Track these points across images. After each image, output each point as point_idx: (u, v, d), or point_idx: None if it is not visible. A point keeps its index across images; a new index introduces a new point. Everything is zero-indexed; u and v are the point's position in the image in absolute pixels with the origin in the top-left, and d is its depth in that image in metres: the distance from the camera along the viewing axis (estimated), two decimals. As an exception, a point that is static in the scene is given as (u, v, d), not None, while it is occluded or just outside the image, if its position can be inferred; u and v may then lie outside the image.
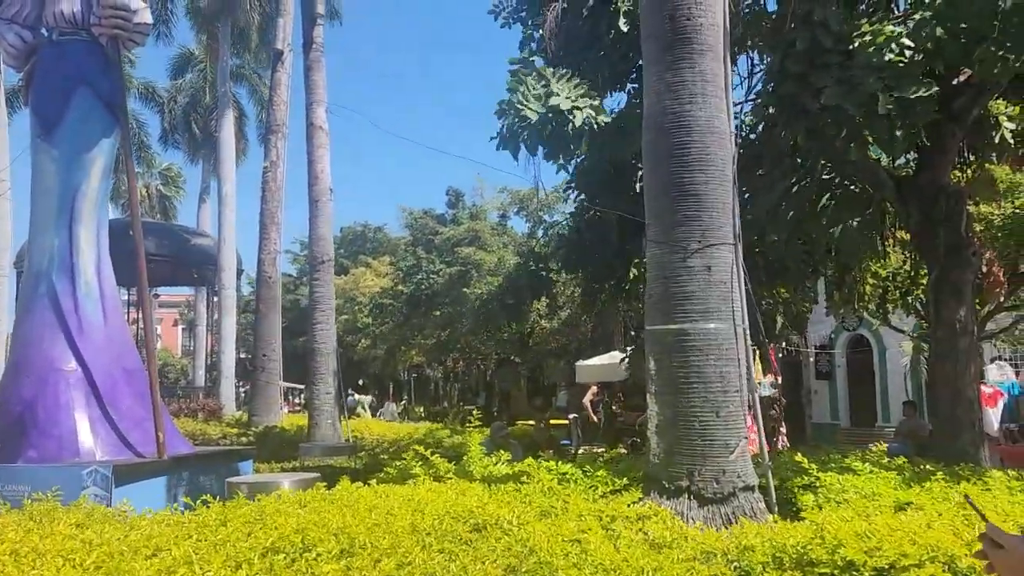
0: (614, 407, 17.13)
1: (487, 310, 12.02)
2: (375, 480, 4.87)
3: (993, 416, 11.27)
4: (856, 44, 5.70)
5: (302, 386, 26.96)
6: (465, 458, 5.42)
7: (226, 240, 23.25)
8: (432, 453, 5.44)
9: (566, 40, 6.95)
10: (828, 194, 7.16)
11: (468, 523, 3.35)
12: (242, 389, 43.51)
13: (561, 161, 8.65)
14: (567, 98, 6.29)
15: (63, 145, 8.02)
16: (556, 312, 27.27)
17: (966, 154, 8.66)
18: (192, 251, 21.29)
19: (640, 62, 7.72)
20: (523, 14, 8.86)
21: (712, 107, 4.23)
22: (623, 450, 12.89)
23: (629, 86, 8.41)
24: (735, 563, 2.98)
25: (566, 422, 16.69)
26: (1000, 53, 5.44)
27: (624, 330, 26.31)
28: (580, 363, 20.04)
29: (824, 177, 7.00)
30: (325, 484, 4.57)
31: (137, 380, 8.83)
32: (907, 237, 9.46)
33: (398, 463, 5.57)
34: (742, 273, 4.24)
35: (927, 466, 4.99)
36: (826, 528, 3.07)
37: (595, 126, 6.68)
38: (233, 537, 2.98)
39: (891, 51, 5.52)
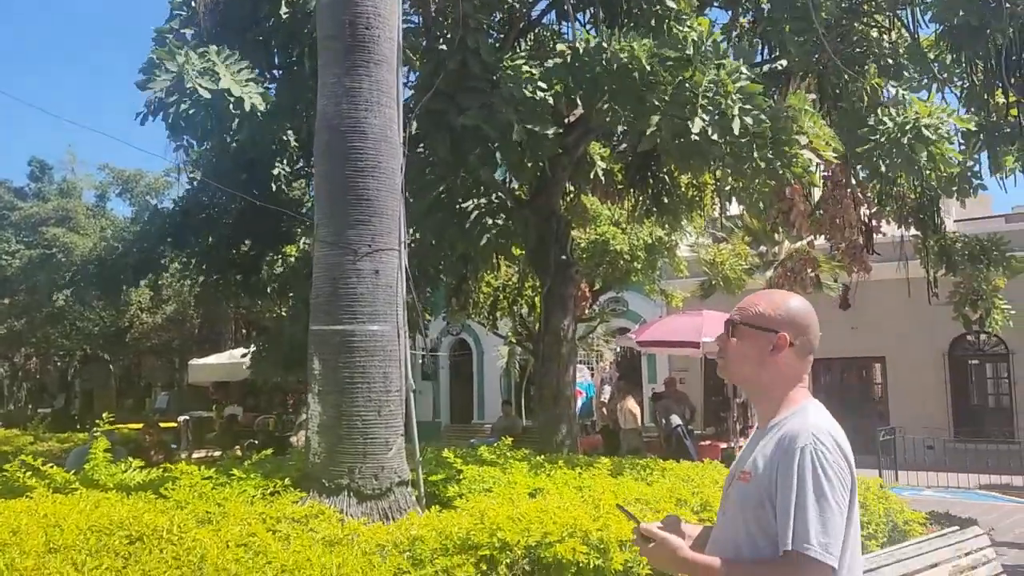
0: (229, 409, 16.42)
1: (70, 281, 10.67)
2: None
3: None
4: (499, 75, 6.34)
5: None
6: (88, 466, 4.84)
7: None
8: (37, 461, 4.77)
9: (223, 18, 6.60)
10: (471, 203, 7.81)
11: (120, 535, 3.05)
12: None
13: (207, 144, 8.18)
14: (236, 82, 5.98)
15: None
16: (160, 306, 25.22)
17: (568, 184, 10.05)
18: None
19: (293, 52, 7.68)
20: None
21: (386, 116, 4.40)
22: (239, 453, 12.45)
23: (278, 73, 8.22)
24: (407, 552, 3.17)
25: (175, 425, 15.57)
26: (609, 105, 6.46)
27: (236, 328, 25.29)
28: (194, 362, 18.82)
29: (466, 186, 7.62)
30: None
31: None
32: (517, 252, 10.69)
33: (-2, 476, 4.77)
34: (406, 277, 4.47)
35: (541, 457, 5.72)
36: (486, 514, 3.42)
37: (257, 113, 6.44)
38: None
39: (527, 88, 6.24)
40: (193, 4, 6.90)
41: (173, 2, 7.39)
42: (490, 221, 7.73)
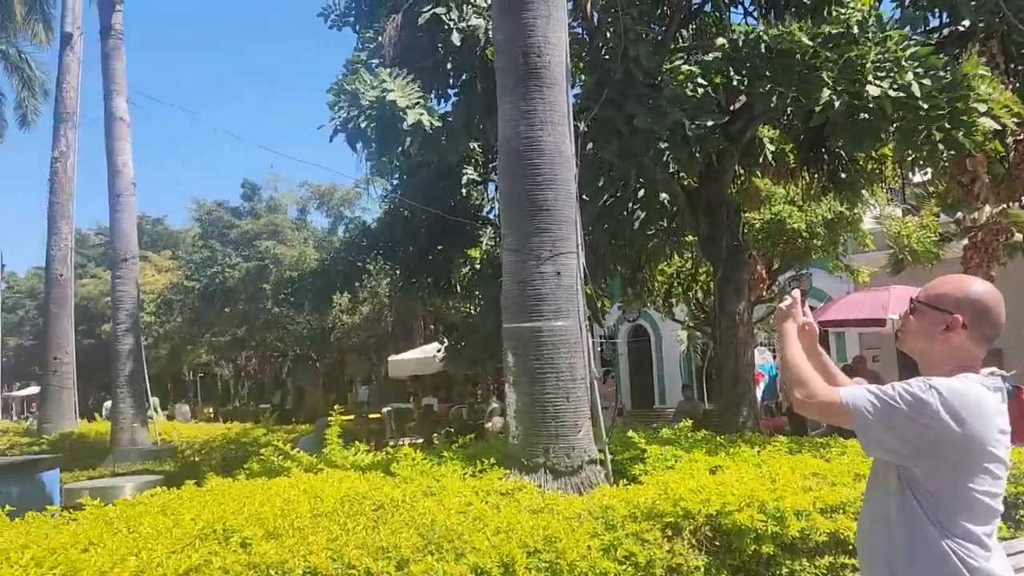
0: (428, 399, 17.69)
1: (291, 291, 12.08)
2: (243, 476, 5.05)
3: (757, 394, 13.11)
4: (661, 78, 6.66)
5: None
6: (326, 450, 5.72)
7: (-13, 232, 21.03)
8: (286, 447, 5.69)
9: (403, 49, 7.39)
10: (639, 204, 8.18)
11: (367, 504, 3.74)
12: (16, 394, 39.17)
13: (386, 158, 9.07)
14: (402, 96, 6.76)
15: None
16: (357, 307, 27.35)
17: (737, 169, 10.11)
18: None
19: (466, 75, 8.36)
20: (351, 19, 9.17)
21: (559, 133, 4.89)
22: (436, 440, 13.49)
23: (453, 95, 8.98)
24: (600, 519, 3.64)
25: (378, 416, 17.04)
26: (771, 88, 6.59)
27: (425, 325, 26.97)
28: (392, 357, 20.40)
29: (635, 189, 8.00)
30: (166, 486, 4.62)
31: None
32: (690, 240, 10.87)
33: (257, 460, 5.74)
34: (584, 277, 4.94)
35: (721, 437, 6.00)
36: (669, 487, 3.82)
37: (427, 128, 7.19)
38: (162, 527, 3.18)
39: (689, 87, 6.52)
40: (379, 38, 7.73)
41: (363, 36, 8.30)
42: (663, 222, 8.03)
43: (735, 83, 6.76)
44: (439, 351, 13.86)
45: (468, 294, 12.81)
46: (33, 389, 36.25)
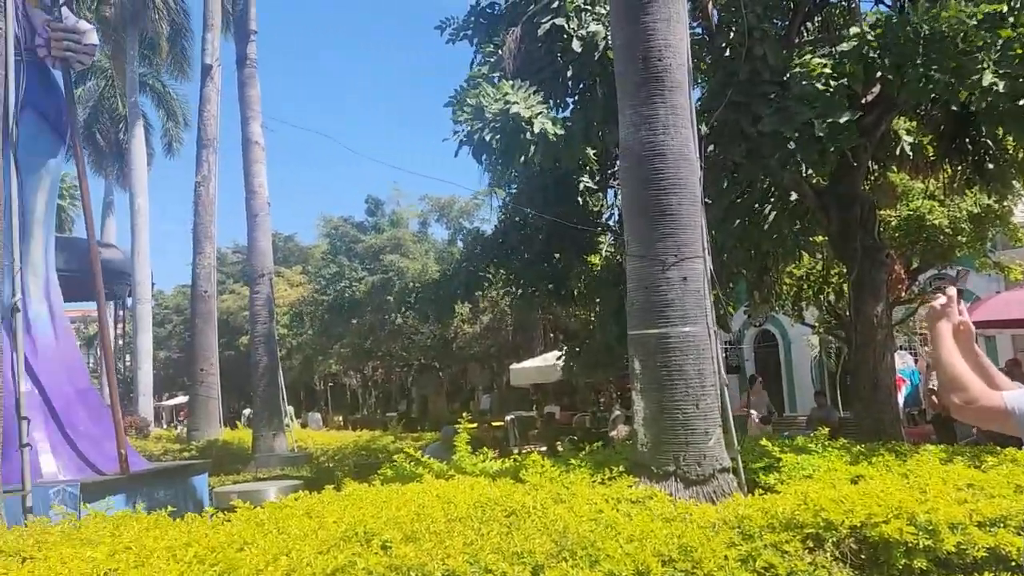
0: (550, 407, 17.76)
1: (414, 301, 12.42)
2: (379, 481, 5.23)
3: (899, 401, 12.41)
4: (789, 76, 6.44)
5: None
6: (455, 457, 5.84)
7: (140, 253, 22.74)
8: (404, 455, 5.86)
9: (524, 61, 7.47)
10: (768, 205, 7.94)
11: (498, 510, 3.79)
12: (166, 403, 42.13)
13: (512, 168, 9.17)
14: (525, 107, 6.83)
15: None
16: (478, 317, 27.79)
17: (870, 164, 9.63)
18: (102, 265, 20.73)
19: (585, 82, 8.36)
20: (469, 32, 9.36)
21: (682, 137, 4.81)
22: (560, 448, 13.51)
23: (571, 102, 9.00)
24: (736, 528, 3.54)
25: (501, 424, 17.24)
26: (923, 72, 6.25)
27: (545, 334, 27.09)
28: (513, 366, 20.63)
29: (762, 189, 7.77)
30: (307, 490, 4.84)
31: (89, 399, 8.89)
32: (821, 240, 10.44)
33: (390, 466, 5.93)
34: (712, 282, 4.83)
35: (861, 446, 5.71)
36: (808, 496, 3.68)
37: (549, 136, 7.23)
38: (308, 529, 3.33)
39: (819, 83, 6.27)
40: (499, 51, 7.85)
41: (483, 51, 8.46)
42: (795, 223, 7.76)
43: (874, 73, 6.47)
44: (559, 359, 13.87)
45: (587, 301, 12.76)
46: (181, 399, 38.85)
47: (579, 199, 10.44)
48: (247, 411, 25.50)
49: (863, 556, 3.46)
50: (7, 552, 3.42)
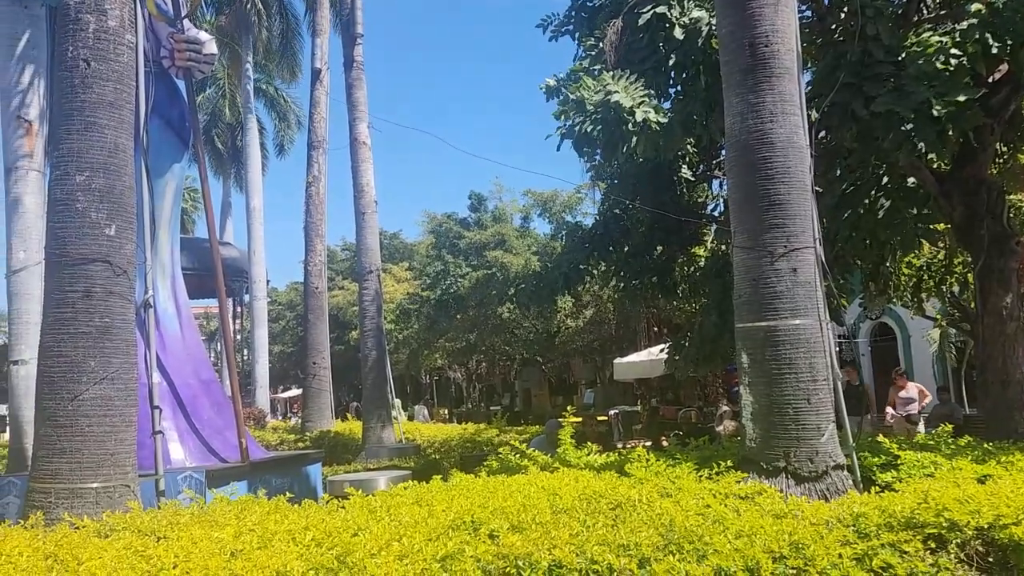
0: (654, 402, 17.56)
1: (515, 292, 12.54)
2: (484, 473, 5.31)
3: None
4: (904, 55, 6.14)
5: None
6: (560, 450, 5.87)
7: (256, 252, 23.77)
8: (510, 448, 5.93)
9: (625, 52, 7.42)
10: (883, 192, 7.60)
11: (604, 503, 3.80)
12: (280, 395, 44.08)
13: (613, 160, 9.11)
14: (626, 97, 6.78)
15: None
16: (581, 311, 27.69)
17: (998, 146, 9.06)
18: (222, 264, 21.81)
19: (687, 71, 8.22)
20: (570, 27, 9.35)
21: (791, 124, 4.67)
22: (665, 443, 13.34)
23: (673, 93, 8.86)
24: (852, 527, 3.42)
25: (604, 418, 17.17)
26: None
27: (648, 328, 26.74)
28: (617, 360, 20.48)
29: (877, 175, 7.43)
30: (415, 480, 5.00)
31: (213, 390, 9.38)
32: (943, 228, 9.88)
33: (496, 458, 6.02)
34: (824, 273, 4.68)
35: (988, 444, 5.40)
36: (930, 495, 3.52)
37: (652, 125, 7.15)
38: (418, 517, 3.44)
39: (939, 60, 5.95)
40: (600, 45, 7.81)
41: (584, 44, 8.44)
42: (912, 210, 7.40)
43: (997, 52, 6.09)
44: (663, 352, 13.69)
45: (692, 293, 12.53)
46: (295, 391, 40.46)
47: (677, 190, 10.26)
48: (356, 404, 26.36)
49: (991, 559, 3.29)
50: (144, 531, 3.69)
